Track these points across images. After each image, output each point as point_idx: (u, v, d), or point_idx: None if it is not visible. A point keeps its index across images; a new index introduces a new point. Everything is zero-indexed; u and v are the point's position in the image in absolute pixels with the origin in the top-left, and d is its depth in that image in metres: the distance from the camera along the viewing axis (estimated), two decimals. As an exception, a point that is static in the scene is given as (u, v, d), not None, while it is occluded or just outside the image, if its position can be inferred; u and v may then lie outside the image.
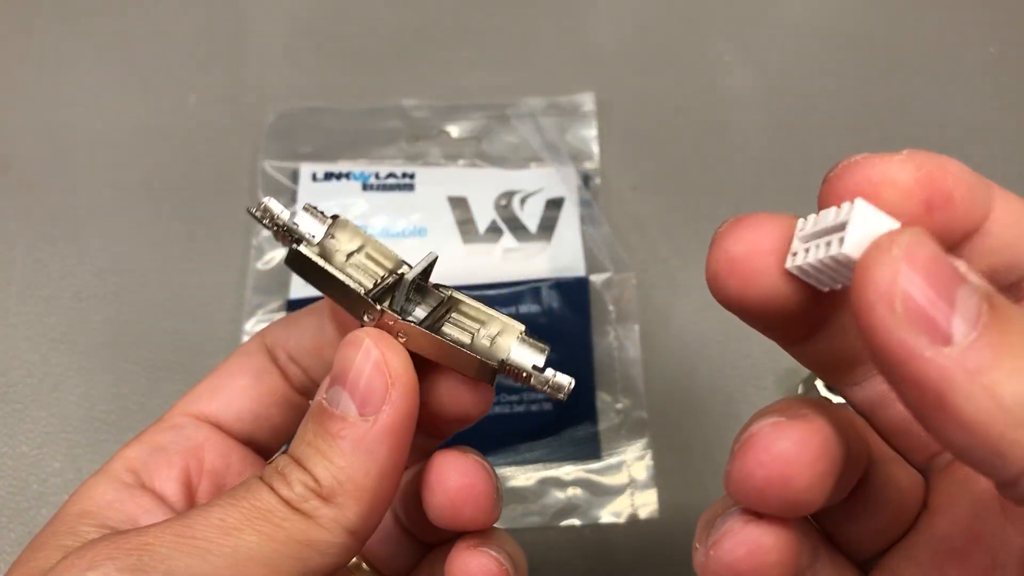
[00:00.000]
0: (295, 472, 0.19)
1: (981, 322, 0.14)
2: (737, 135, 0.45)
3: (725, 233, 0.18)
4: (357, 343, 0.20)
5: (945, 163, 0.18)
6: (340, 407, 0.19)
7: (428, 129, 0.44)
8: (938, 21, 0.49)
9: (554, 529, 0.36)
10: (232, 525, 0.18)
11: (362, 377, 0.19)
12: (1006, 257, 0.18)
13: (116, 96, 0.46)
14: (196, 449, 0.23)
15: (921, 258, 0.14)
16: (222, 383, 0.24)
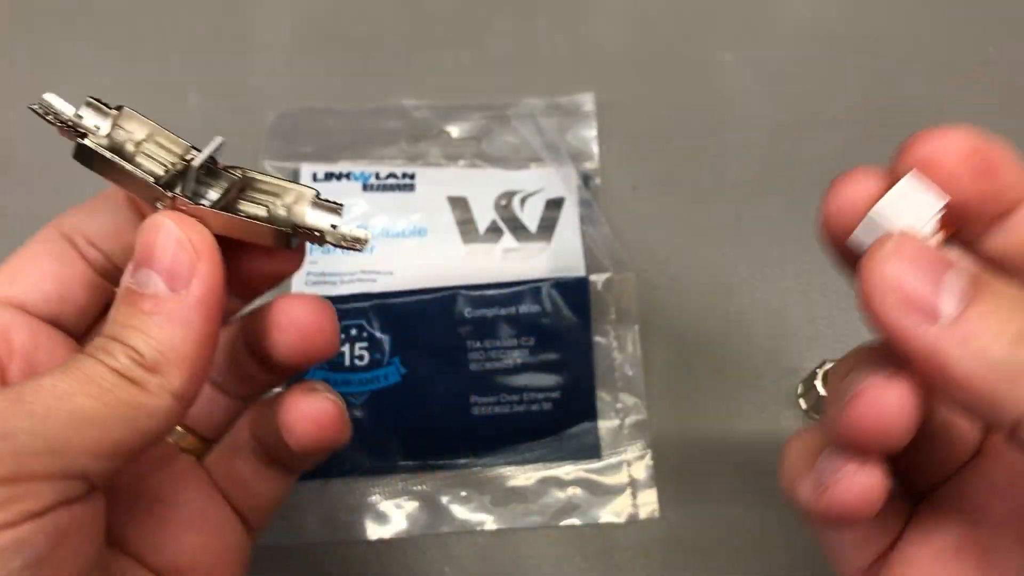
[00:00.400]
0: (117, 347, 0.20)
1: (968, 298, 0.17)
2: (737, 135, 0.45)
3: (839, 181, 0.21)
4: (157, 226, 0.21)
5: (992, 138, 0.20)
6: (150, 287, 0.21)
7: (428, 129, 0.44)
8: (937, 21, 0.49)
9: (554, 529, 0.36)
10: (65, 391, 0.19)
11: (167, 255, 0.21)
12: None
13: (116, 95, 0.45)
14: (4, 331, 0.23)
15: (908, 251, 0.18)
16: (23, 267, 0.24)
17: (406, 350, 0.37)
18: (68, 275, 0.24)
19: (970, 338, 0.17)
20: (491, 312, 0.37)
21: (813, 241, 0.44)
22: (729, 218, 0.43)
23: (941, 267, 0.17)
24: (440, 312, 0.37)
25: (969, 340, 0.17)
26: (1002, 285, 0.17)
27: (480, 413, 0.36)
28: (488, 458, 0.36)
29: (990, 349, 0.17)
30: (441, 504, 0.36)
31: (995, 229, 0.20)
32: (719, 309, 0.40)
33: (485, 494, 0.36)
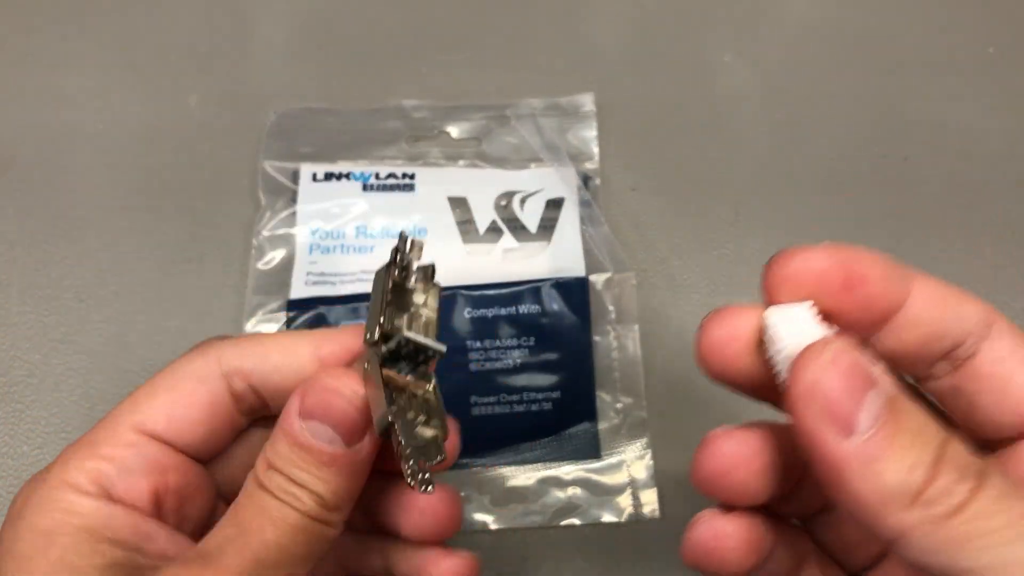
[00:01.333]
0: (305, 495, 0.23)
1: (880, 422, 0.18)
2: (737, 135, 0.45)
3: (708, 321, 0.23)
4: (336, 391, 0.23)
5: (859, 252, 0.22)
6: (328, 442, 0.23)
7: (428, 129, 0.44)
8: (937, 21, 0.49)
9: (554, 528, 0.36)
10: (285, 543, 0.23)
11: (348, 418, 0.23)
12: (932, 329, 0.22)
13: (117, 96, 0.46)
14: (162, 470, 0.25)
15: (843, 364, 0.19)
16: (180, 411, 0.25)
17: (406, 350, 0.37)
18: (219, 424, 0.26)
19: (873, 460, 0.18)
20: (491, 312, 0.37)
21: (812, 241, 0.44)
22: (728, 218, 0.43)
23: (866, 384, 0.19)
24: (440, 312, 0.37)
25: (871, 462, 0.18)
26: (912, 412, 0.19)
27: (480, 413, 0.36)
28: (488, 458, 0.37)
29: (886, 474, 0.18)
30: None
31: (881, 332, 0.22)
32: (719, 309, 0.40)
33: (485, 494, 0.36)
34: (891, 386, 0.19)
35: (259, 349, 0.26)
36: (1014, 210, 0.43)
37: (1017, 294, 0.41)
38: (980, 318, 0.22)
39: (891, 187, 0.44)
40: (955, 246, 0.42)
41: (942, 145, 0.45)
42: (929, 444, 0.19)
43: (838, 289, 0.21)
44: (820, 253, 0.22)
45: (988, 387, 0.22)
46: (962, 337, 0.22)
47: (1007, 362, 0.22)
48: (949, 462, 0.18)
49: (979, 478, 0.18)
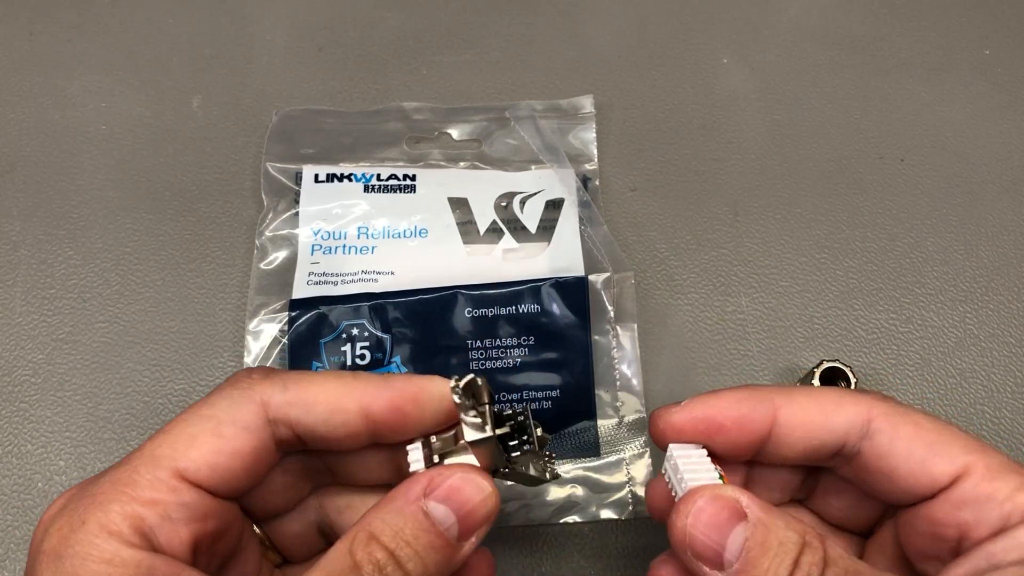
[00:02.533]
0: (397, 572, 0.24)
1: (742, 556, 0.23)
2: (735, 137, 0.45)
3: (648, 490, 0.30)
4: (479, 486, 0.25)
5: (716, 403, 0.27)
6: (447, 529, 0.24)
7: (429, 131, 0.44)
8: (933, 23, 0.49)
9: (554, 526, 0.36)
10: None
11: (476, 516, 0.25)
12: (807, 442, 0.26)
13: (120, 98, 0.46)
14: (203, 518, 0.24)
15: (705, 515, 0.24)
16: (224, 461, 0.25)
17: (407, 349, 0.37)
18: (262, 472, 0.26)
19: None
20: (491, 312, 0.38)
21: (809, 241, 0.44)
22: (727, 219, 0.43)
23: (728, 524, 0.24)
24: (441, 312, 0.37)
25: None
26: (771, 536, 0.23)
27: (480, 412, 0.37)
28: (488, 456, 0.37)
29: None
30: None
31: (761, 453, 0.27)
32: (716, 308, 0.41)
33: (485, 492, 0.36)
34: (757, 513, 0.24)
35: (305, 398, 0.26)
36: (1010, 211, 0.43)
37: (1015, 295, 0.41)
38: (851, 423, 0.26)
39: (888, 188, 0.44)
40: (952, 247, 0.42)
41: (938, 146, 0.45)
42: (784, 561, 0.23)
43: (701, 439, 0.27)
44: (680, 413, 0.27)
45: (877, 477, 0.26)
46: (838, 443, 0.26)
47: (887, 457, 0.26)
48: (799, 572, 0.23)
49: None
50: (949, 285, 0.41)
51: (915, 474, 0.25)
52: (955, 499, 0.25)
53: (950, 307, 0.41)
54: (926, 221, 0.43)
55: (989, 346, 0.40)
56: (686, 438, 0.27)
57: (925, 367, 0.40)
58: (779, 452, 0.27)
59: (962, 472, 0.25)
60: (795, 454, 0.27)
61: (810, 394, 0.27)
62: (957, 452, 0.25)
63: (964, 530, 0.25)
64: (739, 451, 0.27)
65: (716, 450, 0.27)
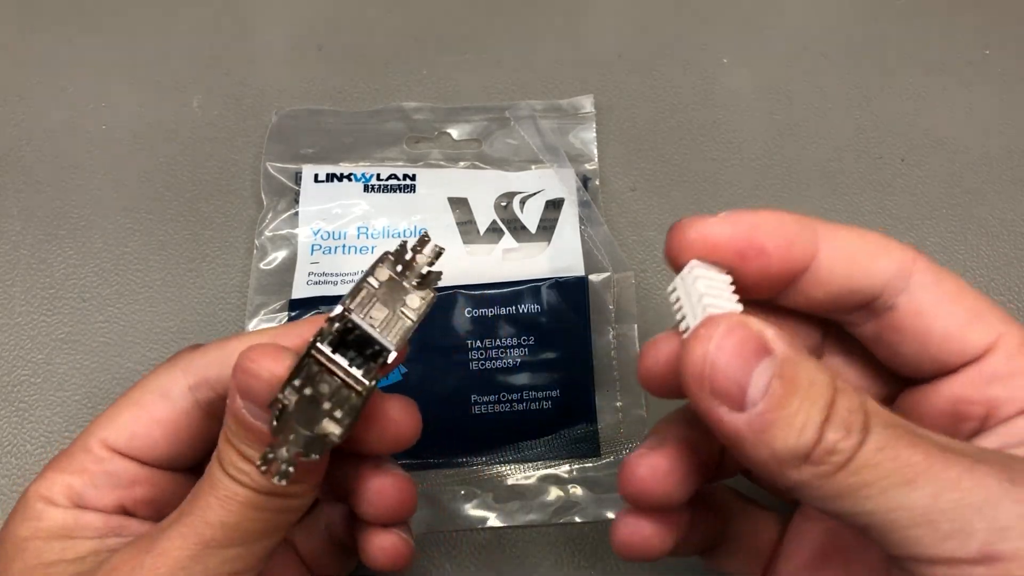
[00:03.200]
0: (250, 466, 0.23)
1: (767, 395, 0.20)
2: (735, 136, 0.45)
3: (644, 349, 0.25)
4: (256, 372, 0.23)
5: (759, 219, 0.23)
6: (263, 421, 0.23)
7: (429, 131, 0.44)
8: (933, 23, 0.49)
9: (554, 527, 0.36)
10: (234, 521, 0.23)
11: (265, 400, 0.23)
12: (844, 285, 0.23)
13: (119, 97, 0.46)
14: (128, 484, 0.26)
15: (728, 346, 0.20)
16: (142, 429, 0.26)
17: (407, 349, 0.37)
18: (186, 437, 0.27)
19: (764, 431, 0.20)
20: (491, 312, 0.37)
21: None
22: (727, 219, 0.43)
23: (757, 356, 0.20)
24: (440, 311, 0.37)
25: (765, 431, 0.20)
26: (800, 375, 0.20)
27: (480, 412, 0.37)
28: (488, 456, 0.37)
29: (777, 442, 0.20)
30: (441, 502, 0.36)
31: (788, 289, 0.23)
32: (717, 309, 0.41)
33: (485, 492, 0.36)
34: (784, 349, 0.20)
35: (223, 356, 0.26)
36: (1011, 211, 0.43)
37: (1015, 295, 0.41)
38: (896, 271, 0.23)
39: (888, 188, 0.44)
40: (952, 247, 0.42)
41: (939, 146, 0.45)
42: (816, 404, 0.20)
43: (734, 259, 0.22)
44: (719, 223, 0.22)
45: (907, 338, 0.23)
46: (876, 292, 0.23)
47: (925, 316, 0.23)
48: (835, 418, 0.20)
49: (863, 432, 0.20)
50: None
51: (952, 338, 0.23)
52: (986, 373, 0.23)
53: (951, 307, 0.41)
54: (926, 221, 0.43)
55: (990, 346, 0.40)
56: (719, 257, 0.22)
57: (926, 367, 0.39)
58: (808, 292, 0.23)
59: (993, 344, 0.23)
60: (826, 296, 0.23)
61: (855, 231, 0.23)
62: (994, 320, 0.23)
63: (992, 407, 0.23)
64: (771, 282, 0.23)
65: (745, 279, 0.23)
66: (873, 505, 0.19)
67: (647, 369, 0.24)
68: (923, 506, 0.19)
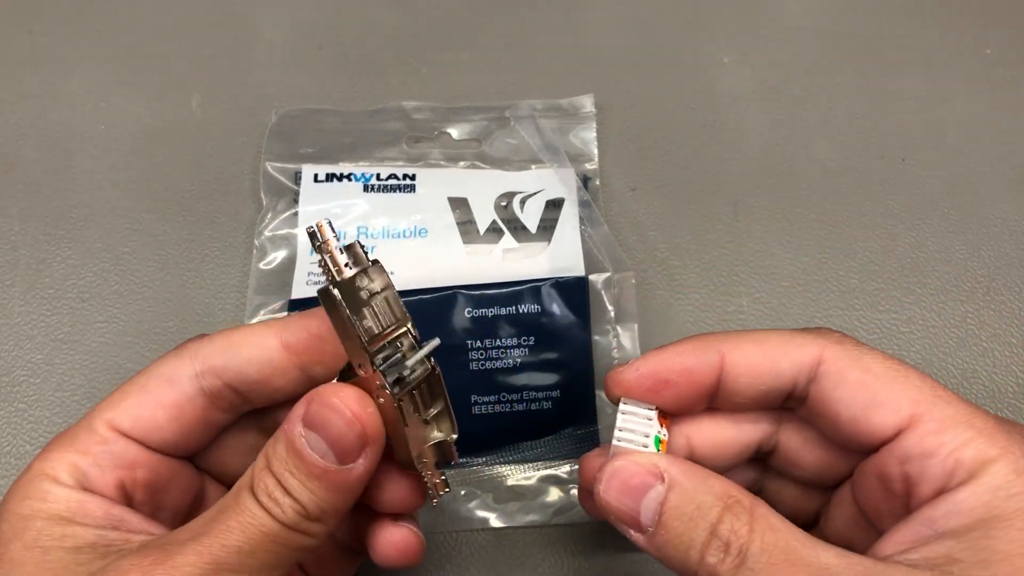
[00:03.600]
0: (286, 499, 0.24)
1: (656, 520, 0.24)
2: (735, 136, 0.45)
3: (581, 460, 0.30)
4: (337, 406, 0.24)
5: (662, 359, 0.27)
6: (321, 453, 0.24)
7: (429, 131, 0.44)
8: (934, 22, 0.49)
9: (554, 527, 0.36)
10: (251, 549, 0.23)
11: (344, 437, 0.24)
12: (756, 389, 0.26)
13: (119, 97, 0.46)
14: (129, 465, 0.26)
15: (614, 484, 0.25)
16: (147, 412, 0.26)
17: (407, 349, 0.37)
18: (188, 423, 0.27)
19: (661, 547, 0.24)
20: (491, 312, 0.37)
21: (810, 240, 0.44)
22: (727, 218, 0.43)
23: (645, 487, 0.24)
24: (440, 312, 0.37)
25: (660, 549, 0.24)
26: (687, 499, 0.24)
27: (480, 412, 0.37)
28: (488, 457, 0.37)
29: (673, 561, 0.24)
30: (442, 502, 0.36)
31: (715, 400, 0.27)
32: (717, 308, 0.41)
33: (486, 493, 0.36)
34: (675, 476, 0.24)
35: (229, 345, 0.27)
36: (1012, 210, 0.43)
37: (1016, 295, 0.41)
38: (802, 366, 0.26)
39: (889, 187, 0.44)
40: (953, 246, 0.42)
41: (940, 146, 0.45)
42: (699, 527, 0.23)
43: (651, 395, 0.27)
44: (628, 372, 0.27)
45: (824, 423, 0.26)
46: (786, 389, 0.26)
47: (829, 404, 0.25)
48: (714, 542, 0.23)
49: (737, 557, 0.23)
50: (950, 285, 0.41)
51: (857, 422, 0.25)
52: (898, 452, 0.24)
53: (951, 307, 0.41)
54: (927, 221, 0.43)
55: (990, 346, 0.40)
56: (638, 396, 0.27)
57: (926, 367, 0.39)
58: (731, 399, 0.27)
59: (907, 424, 0.24)
60: (746, 400, 0.27)
61: (757, 339, 0.26)
62: (904, 403, 0.24)
63: (909, 485, 0.24)
64: (689, 403, 0.27)
65: (667, 405, 0.27)
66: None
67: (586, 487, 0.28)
68: None
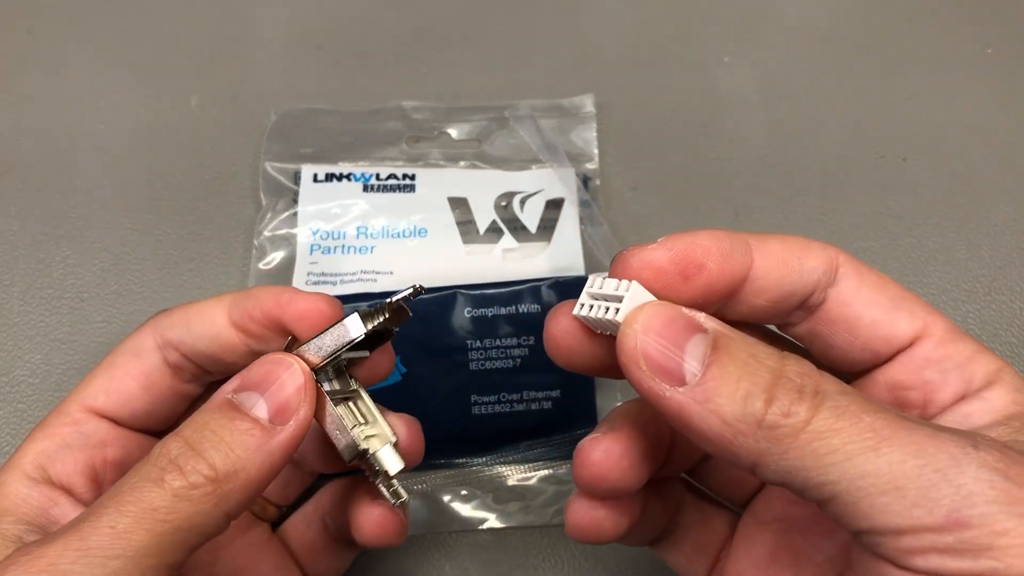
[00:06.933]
0: (191, 461, 0.22)
1: (705, 363, 0.20)
2: (735, 136, 0.45)
3: (548, 318, 0.25)
4: (287, 364, 0.23)
5: (695, 239, 0.23)
6: (252, 410, 0.23)
7: (429, 130, 0.44)
8: (935, 22, 0.49)
9: (554, 527, 0.36)
10: (123, 530, 0.20)
11: (284, 392, 0.23)
12: (781, 289, 0.23)
13: (118, 97, 0.46)
14: (99, 444, 0.26)
15: (655, 325, 0.21)
16: (116, 385, 0.26)
17: (406, 349, 0.37)
18: (156, 393, 0.27)
19: (709, 398, 0.20)
20: (491, 311, 0.37)
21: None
22: (727, 218, 0.43)
23: (688, 332, 0.21)
24: (440, 312, 0.37)
25: (708, 400, 0.20)
26: (739, 346, 0.20)
27: (480, 412, 0.36)
28: (488, 457, 0.37)
29: (724, 409, 0.19)
30: (442, 503, 0.36)
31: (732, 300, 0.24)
32: (718, 309, 0.41)
33: (486, 493, 0.36)
34: (716, 324, 0.21)
35: (183, 318, 0.27)
36: (1012, 210, 0.43)
37: (1016, 295, 0.41)
38: (823, 268, 0.24)
39: (889, 187, 0.44)
40: (954, 246, 0.42)
41: (940, 146, 0.45)
42: (761, 371, 0.20)
43: (678, 281, 0.23)
44: (657, 250, 0.23)
45: (838, 329, 0.24)
46: (809, 289, 0.24)
47: (852, 305, 0.24)
48: (784, 385, 0.19)
49: (816, 396, 0.19)
50: (951, 285, 0.41)
51: (879, 325, 0.24)
52: (919, 358, 0.23)
53: (952, 307, 0.41)
54: (928, 221, 0.43)
55: (991, 346, 0.40)
56: (663, 281, 0.23)
57: (927, 367, 0.39)
58: (750, 300, 0.24)
59: (921, 332, 0.23)
60: (766, 302, 0.24)
61: (781, 237, 0.24)
62: (918, 310, 0.24)
63: (928, 391, 0.23)
64: (717, 295, 0.23)
65: (691, 295, 0.23)
66: (839, 473, 0.19)
67: (552, 339, 0.24)
68: (889, 472, 0.18)
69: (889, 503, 0.18)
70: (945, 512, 0.18)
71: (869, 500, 0.18)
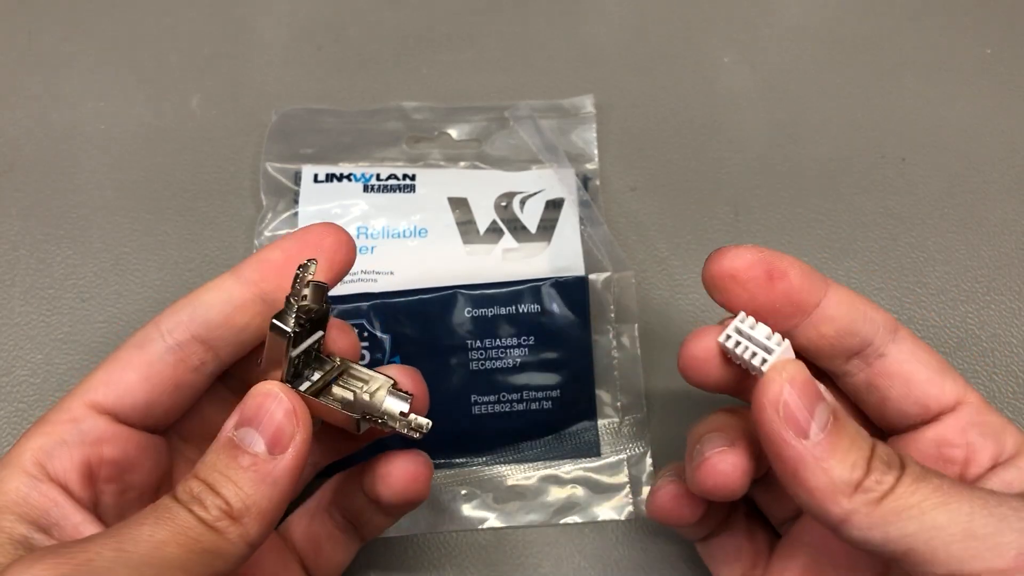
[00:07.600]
0: (209, 497, 0.23)
1: (827, 428, 0.23)
2: (736, 136, 0.45)
3: (687, 340, 0.28)
4: (272, 394, 0.24)
5: (779, 253, 0.26)
6: (252, 446, 0.24)
7: (429, 131, 0.44)
8: (934, 23, 0.49)
9: (554, 527, 0.36)
10: (160, 540, 0.22)
11: (274, 423, 0.24)
12: (845, 326, 0.27)
13: (118, 97, 0.46)
14: (96, 442, 0.26)
15: (799, 382, 0.24)
16: (115, 376, 0.27)
17: (407, 349, 0.37)
18: (157, 385, 0.27)
19: (824, 458, 0.23)
20: (491, 311, 0.37)
21: (810, 241, 0.44)
22: (727, 218, 0.43)
23: (816, 398, 0.24)
24: (440, 312, 0.37)
25: (823, 459, 0.23)
26: (848, 422, 0.24)
27: (480, 412, 0.37)
28: (488, 456, 0.37)
29: (834, 470, 0.23)
30: (442, 503, 0.36)
31: (802, 325, 0.27)
32: (717, 308, 0.40)
33: (486, 492, 0.36)
34: (833, 401, 0.24)
35: (190, 299, 0.27)
36: (1013, 211, 0.43)
37: (1016, 295, 0.41)
38: (886, 323, 0.27)
39: (889, 188, 0.44)
40: (954, 247, 0.42)
41: (940, 146, 0.45)
42: (863, 446, 0.24)
43: (763, 280, 0.26)
44: (747, 251, 0.26)
45: (896, 382, 0.27)
46: (871, 337, 0.27)
47: (911, 363, 0.27)
48: (878, 459, 0.23)
49: (900, 468, 0.23)
50: (951, 285, 0.41)
51: (933, 384, 0.27)
52: (964, 420, 0.27)
53: (951, 307, 0.41)
54: (928, 221, 0.43)
55: (991, 346, 0.40)
56: (742, 286, 0.26)
57: (927, 367, 0.39)
58: (818, 327, 0.27)
59: (963, 399, 0.27)
60: (833, 332, 0.27)
61: (847, 288, 0.27)
62: (959, 378, 0.27)
63: (971, 451, 0.26)
64: (790, 307, 0.27)
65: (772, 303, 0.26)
66: (916, 526, 0.22)
67: (692, 358, 0.28)
68: (961, 523, 0.22)
69: (962, 551, 0.22)
70: (1014, 554, 0.22)
71: (944, 549, 0.22)
